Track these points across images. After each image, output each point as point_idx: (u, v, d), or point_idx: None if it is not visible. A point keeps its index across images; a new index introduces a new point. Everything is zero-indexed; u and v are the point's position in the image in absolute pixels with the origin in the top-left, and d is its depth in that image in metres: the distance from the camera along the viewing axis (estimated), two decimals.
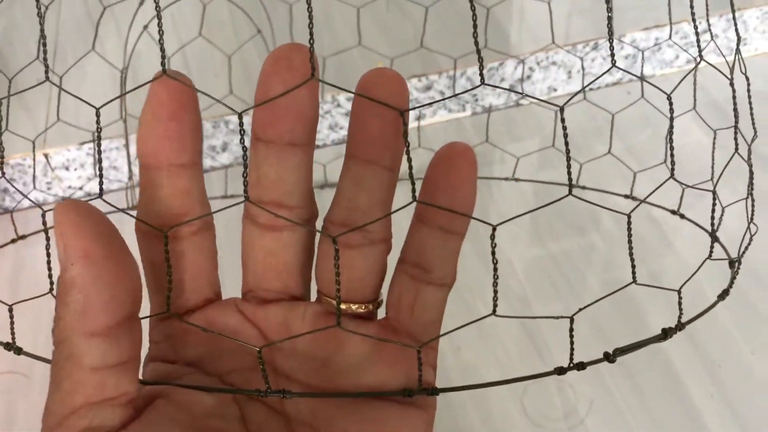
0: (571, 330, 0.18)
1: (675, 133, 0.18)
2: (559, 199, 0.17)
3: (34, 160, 0.45)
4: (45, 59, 0.19)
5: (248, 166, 0.20)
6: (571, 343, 0.18)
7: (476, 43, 0.15)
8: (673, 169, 0.18)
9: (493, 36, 0.47)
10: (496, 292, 0.17)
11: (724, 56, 0.22)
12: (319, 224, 0.22)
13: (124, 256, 0.17)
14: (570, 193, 0.16)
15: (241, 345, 0.21)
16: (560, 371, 0.18)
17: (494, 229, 0.17)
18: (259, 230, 0.21)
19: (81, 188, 0.47)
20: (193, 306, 0.21)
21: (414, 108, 0.19)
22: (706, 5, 0.27)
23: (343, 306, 0.21)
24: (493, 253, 0.18)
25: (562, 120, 0.16)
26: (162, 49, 0.16)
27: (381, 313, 0.22)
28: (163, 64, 0.17)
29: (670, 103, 0.18)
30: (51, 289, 0.20)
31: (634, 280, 0.17)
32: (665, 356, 0.40)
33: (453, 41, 0.49)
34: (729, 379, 0.40)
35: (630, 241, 0.17)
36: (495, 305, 0.18)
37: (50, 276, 0.21)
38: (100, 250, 0.17)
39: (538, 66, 0.51)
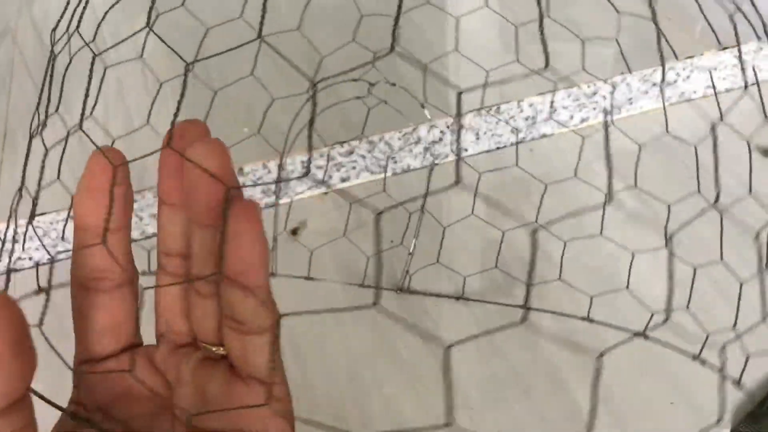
0: None
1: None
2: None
3: None
4: None
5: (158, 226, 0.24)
6: None
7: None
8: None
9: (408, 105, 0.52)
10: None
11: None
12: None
13: (22, 344, 0.18)
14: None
15: (145, 391, 0.23)
16: None
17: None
18: (167, 277, 0.24)
19: (30, 258, 0.51)
20: (110, 352, 0.23)
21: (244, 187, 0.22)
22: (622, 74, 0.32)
23: (213, 348, 0.23)
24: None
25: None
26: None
27: None
28: (95, 145, 0.22)
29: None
30: None
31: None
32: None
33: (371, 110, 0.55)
34: None
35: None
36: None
37: None
38: (7, 329, 0.17)
39: (448, 129, 0.57)
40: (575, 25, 0.47)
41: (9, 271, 0.20)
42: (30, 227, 0.50)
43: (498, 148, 0.59)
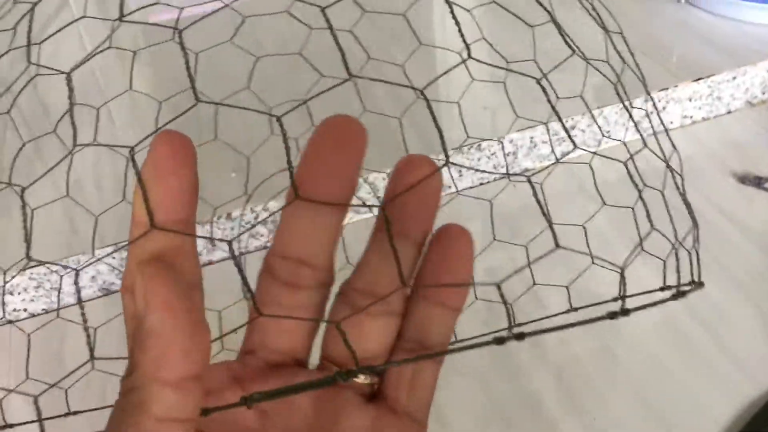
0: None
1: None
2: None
3: None
4: None
5: (280, 224, 0.20)
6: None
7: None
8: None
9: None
10: None
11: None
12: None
13: (200, 314, 0.17)
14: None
15: (231, 413, 0.19)
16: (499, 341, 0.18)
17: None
18: (277, 286, 0.21)
19: (25, 310, 0.52)
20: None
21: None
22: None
23: (362, 376, 0.21)
24: None
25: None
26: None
27: None
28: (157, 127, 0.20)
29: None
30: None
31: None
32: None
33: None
34: None
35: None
36: None
37: None
38: (180, 303, 0.17)
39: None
40: (550, 59, 0.49)
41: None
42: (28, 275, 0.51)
43: (481, 184, 0.60)
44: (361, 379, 0.21)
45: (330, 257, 0.21)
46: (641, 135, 0.27)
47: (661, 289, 0.23)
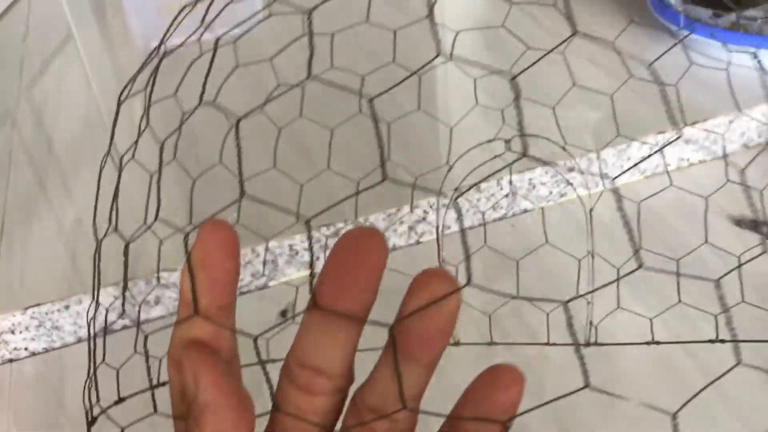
0: None
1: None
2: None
3: None
4: None
5: (299, 329, 0.22)
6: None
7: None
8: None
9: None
10: None
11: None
12: None
13: (244, 391, 0.20)
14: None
15: None
16: None
17: None
18: (294, 388, 0.22)
19: (26, 349, 0.52)
20: None
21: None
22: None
23: None
24: None
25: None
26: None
27: None
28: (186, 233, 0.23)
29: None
30: None
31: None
32: None
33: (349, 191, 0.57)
34: None
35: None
36: None
37: None
38: (227, 382, 0.20)
39: (431, 208, 0.58)
40: (549, 99, 0.50)
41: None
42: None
43: (480, 225, 0.61)
44: None
45: (348, 364, 0.22)
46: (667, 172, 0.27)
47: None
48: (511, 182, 0.59)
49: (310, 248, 0.19)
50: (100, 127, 0.77)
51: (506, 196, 0.60)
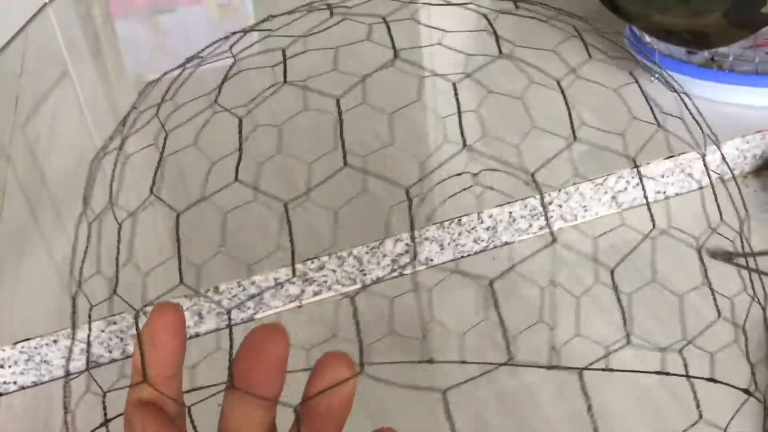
0: None
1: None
2: None
3: None
4: None
5: (224, 403, 0.25)
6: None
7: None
8: None
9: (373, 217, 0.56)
10: None
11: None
12: None
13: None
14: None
15: None
16: None
17: None
18: None
19: (15, 383, 0.53)
20: None
21: None
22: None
23: None
24: None
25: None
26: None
27: None
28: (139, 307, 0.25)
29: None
30: None
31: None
32: None
33: (338, 226, 0.58)
34: None
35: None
36: None
37: None
38: None
39: (413, 241, 0.60)
40: (528, 137, 0.51)
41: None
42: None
43: (462, 257, 0.62)
44: None
45: None
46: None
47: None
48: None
49: (230, 335, 0.22)
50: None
51: (487, 229, 0.61)
